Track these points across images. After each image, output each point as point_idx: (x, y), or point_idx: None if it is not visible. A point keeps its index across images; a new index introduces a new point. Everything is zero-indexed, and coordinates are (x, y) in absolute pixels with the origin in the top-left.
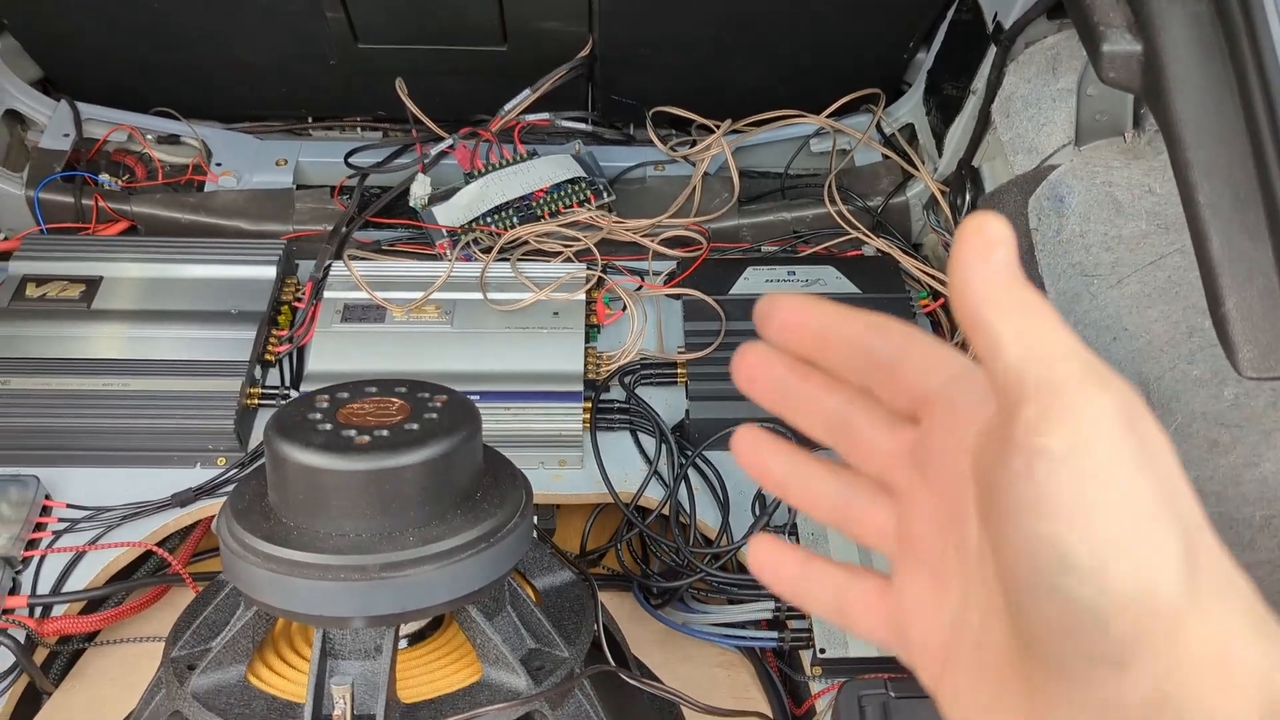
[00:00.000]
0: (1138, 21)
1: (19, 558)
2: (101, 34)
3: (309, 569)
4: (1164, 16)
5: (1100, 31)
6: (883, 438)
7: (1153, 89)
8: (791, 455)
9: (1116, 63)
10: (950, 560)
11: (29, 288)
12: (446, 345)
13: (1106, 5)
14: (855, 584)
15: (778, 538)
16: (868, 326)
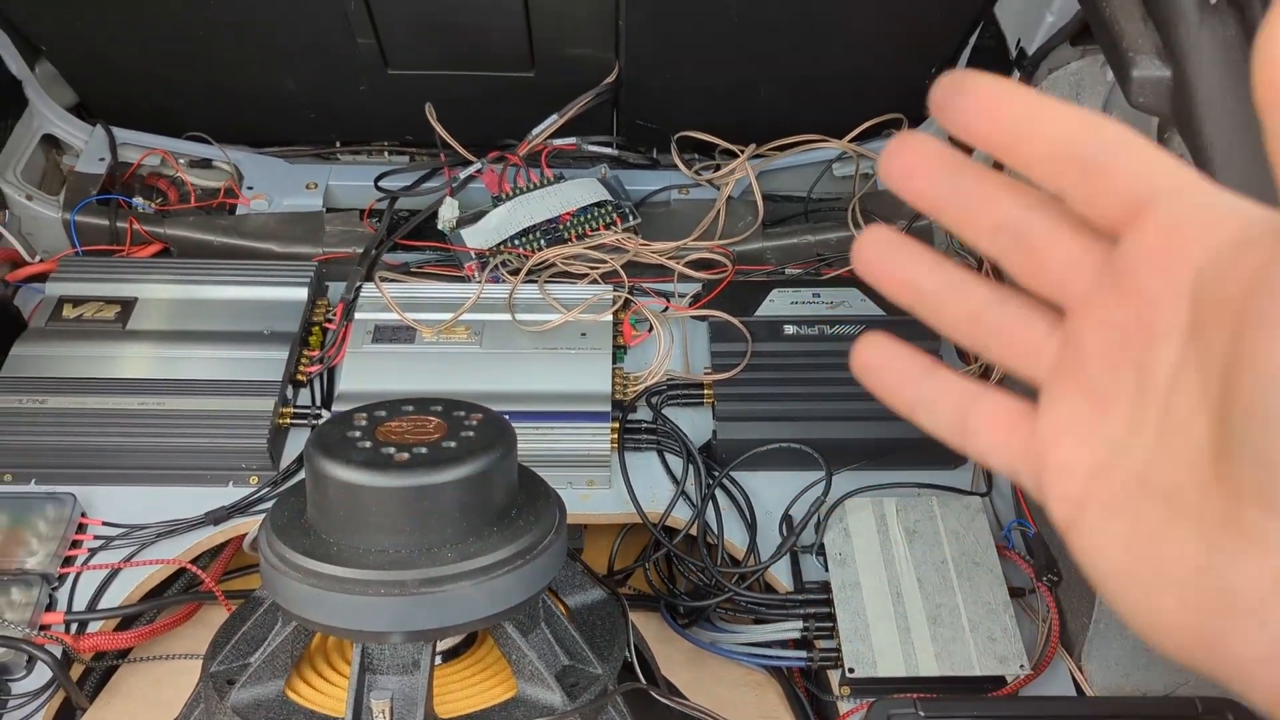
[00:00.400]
0: (1166, 47)
1: (55, 574)
2: (136, 60)
3: (349, 584)
4: (1193, 42)
5: (1130, 57)
6: (1067, 246)
7: (1183, 113)
8: (929, 256)
9: (1146, 88)
10: (1126, 383)
11: (65, 308)
12: (476, 366)
13: (1135, 31)
14: (986, 397)
15: (890, 336)
16: (1080, 122)
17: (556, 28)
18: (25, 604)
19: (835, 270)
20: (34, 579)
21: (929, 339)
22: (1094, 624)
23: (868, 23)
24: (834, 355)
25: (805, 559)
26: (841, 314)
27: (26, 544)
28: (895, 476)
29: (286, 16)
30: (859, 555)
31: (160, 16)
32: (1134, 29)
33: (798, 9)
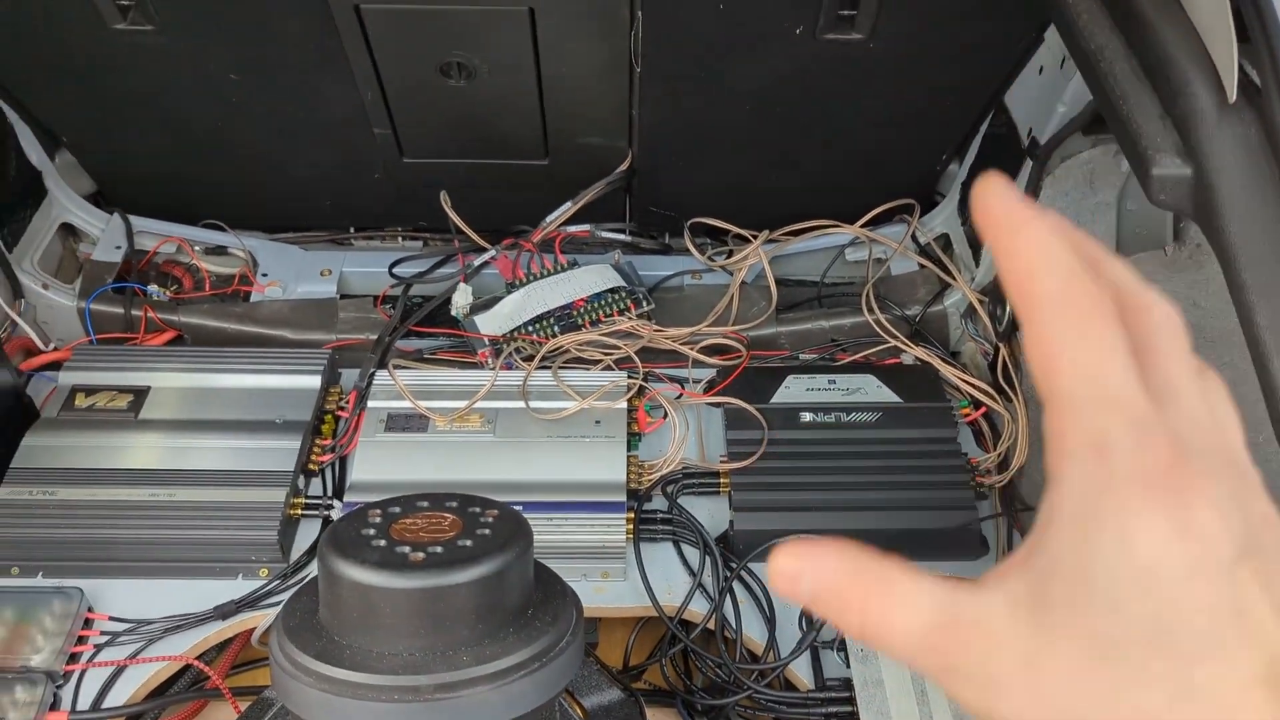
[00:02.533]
0: (1186, 145)
1: (60, 672)
2: (154, 150)
3: (362, 689)
4: (1213, 141)
5: (1149, 155)
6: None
7: (1204, 211)
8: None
9: (1167, 186)
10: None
11: (78, 398)
12: (489, 455)
13: (1154, 129)
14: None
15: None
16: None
17: (570, 117)
18: (29, 703)
19: (850, 356)
20: (38, 677)
21: (946, 425)
22: None
23: (879, 113)
24: (851, 443)
25: (826, 654)
26: (858, 401)
27: (32, 640)
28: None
29: (304, 107)
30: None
31: (178, 108)
32: (1152, 127)
33: (810, 100)
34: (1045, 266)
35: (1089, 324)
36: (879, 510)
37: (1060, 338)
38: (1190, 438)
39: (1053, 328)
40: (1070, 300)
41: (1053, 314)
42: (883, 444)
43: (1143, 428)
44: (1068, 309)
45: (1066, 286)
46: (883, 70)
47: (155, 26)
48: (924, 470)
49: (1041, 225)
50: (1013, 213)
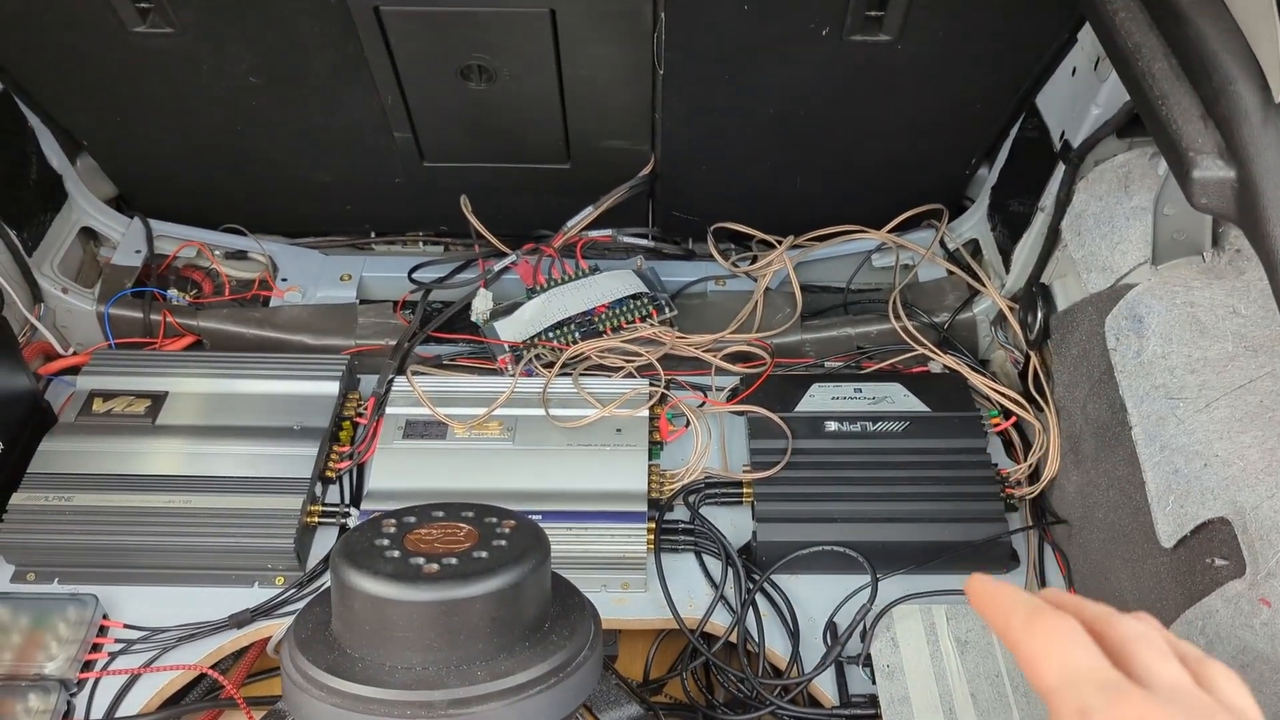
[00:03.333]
0: (1229, 147)
1: (74, 679)
2: (175, 155)
3: (374, 704)
4: (1258, 142)
5: (1190, 158)
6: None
7: (1249, 215)
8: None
9: (1209, 189)
10: None
11: (96, 403)
12: (508, 463)
13: (1195, 131)
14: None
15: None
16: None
17: (592, 121)
18: (42, 711)
19: (877, 364)
20: (52, 685)
21: (975, 435)
22: None
23: (906, 116)
24: (878, 453)
25: (851, 670)
26: (884, 410)
27: (46, 647)
28: (944, 582)
29: (324, 112)
30: (908, 667)
31: (199, 113)
32: (1193, 128)
33: (836, 104)
34: (1013, 606)
35: (1053, 632)
36: (906, 522)
37: (1035, 649)
38: (1169, 696)
39: (1027, 644)
40: (1035, 622)
41: (1026, 636)
42: (910, 454)
43: (1114, 687)
44: (1035, 629)
45: (1031, 614)
46: (911, 72)
47: (175, 30)
48: (952, 481)
49: (1010, 587)
50: (988, 587)
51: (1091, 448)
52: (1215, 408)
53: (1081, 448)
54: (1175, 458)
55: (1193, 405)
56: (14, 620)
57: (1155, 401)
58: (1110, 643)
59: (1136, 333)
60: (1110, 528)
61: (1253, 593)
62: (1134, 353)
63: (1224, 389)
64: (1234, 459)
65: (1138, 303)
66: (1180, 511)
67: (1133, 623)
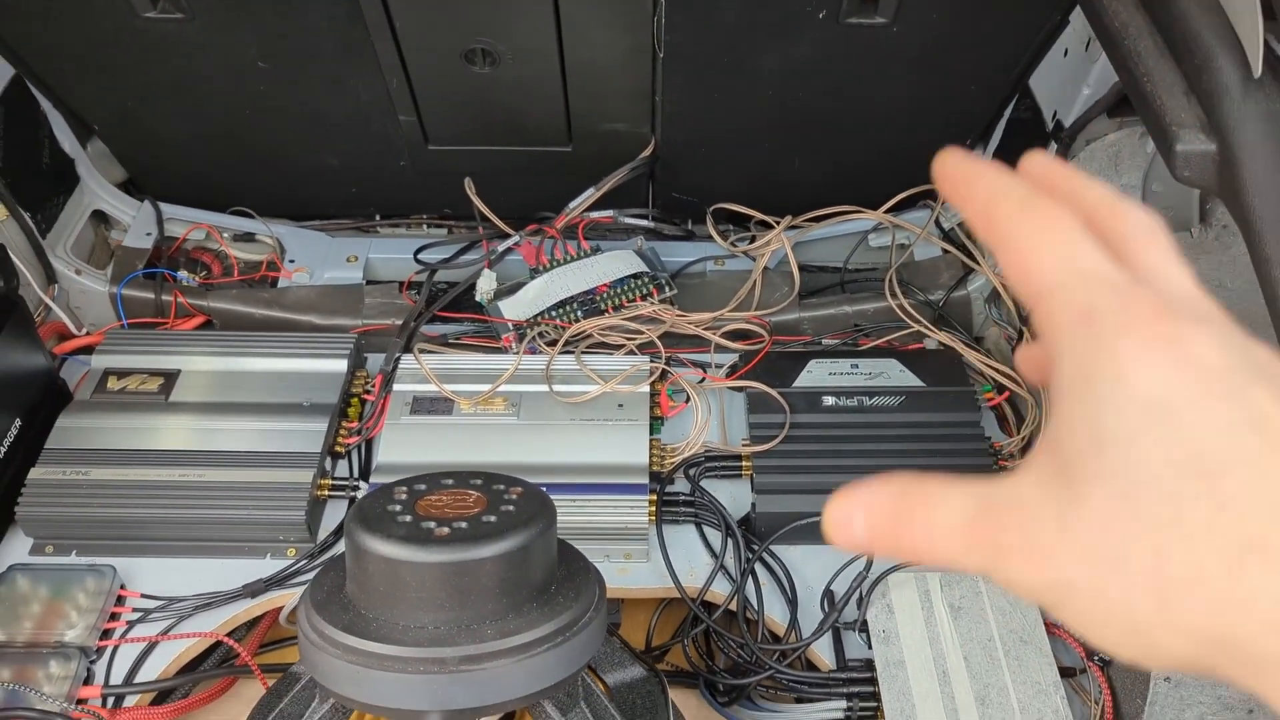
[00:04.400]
0: (1210, 121)
1: (94, 647)
2: (184, 139)
3: (388, 661)
4: (1237, 116)
5: (1173, 132)
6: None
7: (1229, 187)
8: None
9: (1191, 162)
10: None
11: (110, 380)
12: (513, 437)
13: (1178, 105)
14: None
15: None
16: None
17: (594, 103)
18: (63, 677)
19: (873, 341)
20: (72, 651)
21: (969, 409)
22: (1149, 705)
23: (903, 97)
24: (874, 427)
25: (848, 636)
26: (881, 385)
27: (66, 616)
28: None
29: (330, 95)
30: (903, 632)
31: (206, 96)
32: (1176, 103)
33: (834, 86)
34: (1002, 192)
35: (1051, 223)
36: None
37: (1028, 242)
38: (1180, 300)
39: (1020, 237)
40: (1030, 211)
41: (1017, 227)
42: (905, 427)
43: (1124, 291)
44: (1029, 218)
45: (1024, 202)
46: (906, 54)
47: (184, 15)
48: (947, 454)
49: (994, 168)
50: (966, 167)
51: None
52: None
53: None
54: None
55: None
56: (34, 590)
57: None
58: (1114, 236)
59: None
60: None
61: None
62: None
63: None
64: None
65: None
66: None
67: (1141, 214)
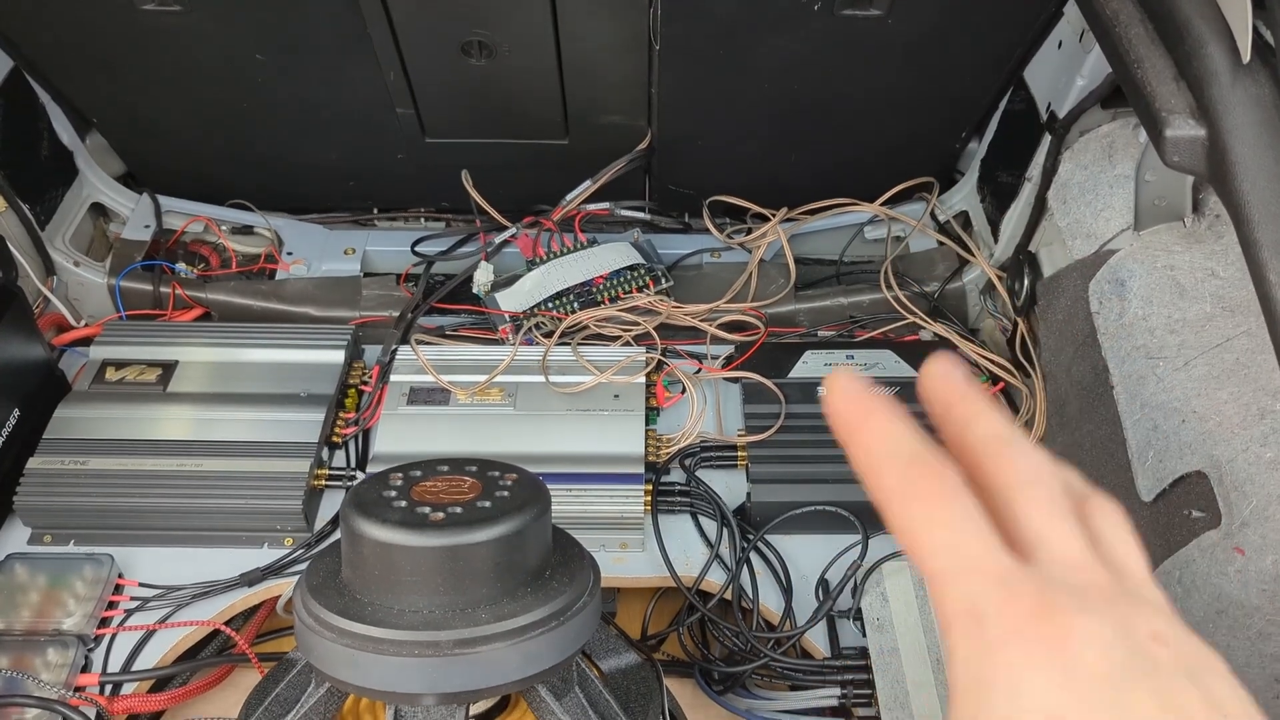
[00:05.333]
0: (1200, 106)
1: (92, 635)
2: (182, 131)
3: (383, 644)
4: (1226, 101)
5: (1163, 117)
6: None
7: (1218, 172)
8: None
9: (1180, 147)
10: None
11: (109, 371)
12: (510, 427)
13: (1167, 92)
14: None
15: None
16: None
17: (591, 96)
18: (61, 665)
19: (868, 332)
20: (70, 640)
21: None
22: None
23: (898, 90)
24: None
25: (842, 624)
26: (876, 376)
27: (64, 605)
28: None
29: (329, 89)
30: (897, 620)
31: (205, 89)
32: (1166, 90)
33: (829, 79)
34: (888, 457)
35: (937, 505)
36: None
37: (916, 523)
38: (1063, 579)
39: (907, 515)
40: (916, 487)
41: (904, 503)
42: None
43: (1007, 584)
44: (915, 495)
45: (908, 473)
46: (901, 47)
47: (183, 7)
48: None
49: (881, 416)
50: (855, 407)
51: (1076, 409)
52: (1193, 366)
53: (1067, 409)
54: (1155, 415)
55: (1172, 364)
56: (32, 579)
57: (1136, 361)
58: (995, 487)
59: (1119, 295)
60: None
61: (1227, 542)
62: (1116, 315)
63: (1202, 348)
64: (1211, 414)
65: (1120, 267)
66: (1159, 466)
67: (1023, 459)
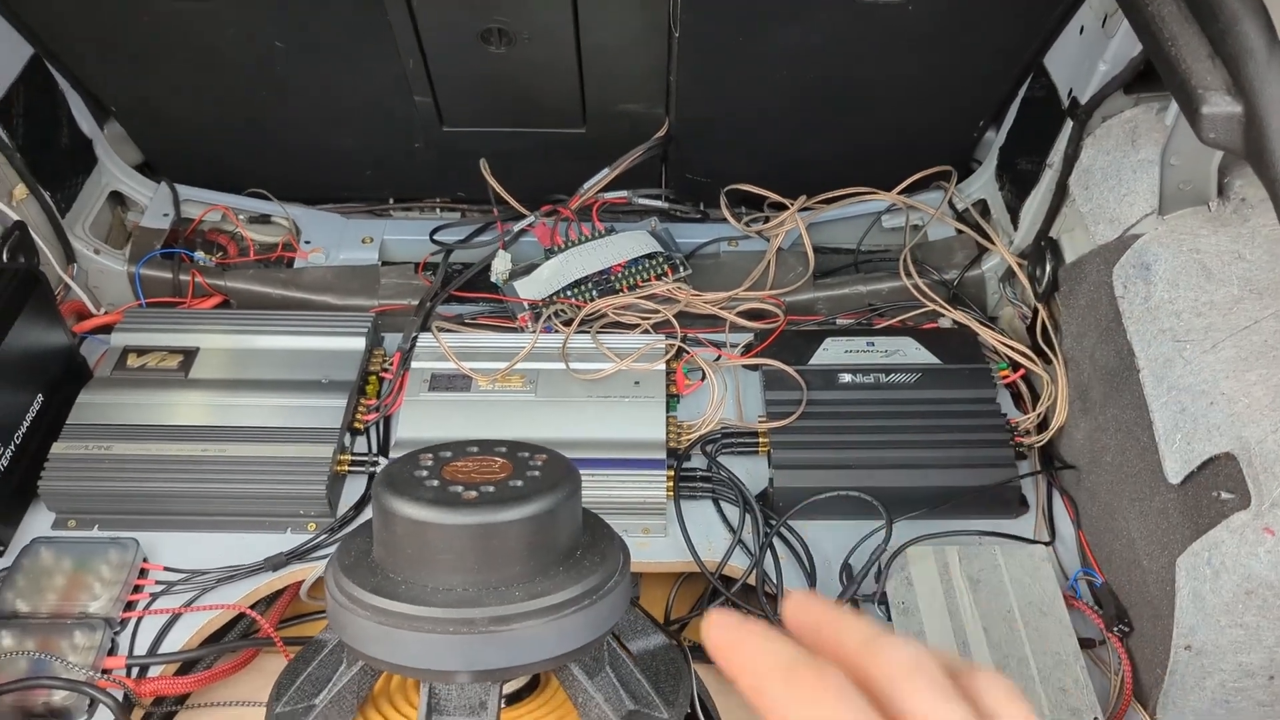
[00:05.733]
0: (1236, 83)
1: (118, 618)
2: (200, 120)
3: (417, 621)
4: (1263, 78)
5: (1199, 94)
6: None
7: (1255, 147)
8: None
9: (1217, 124)
10: None
11: (130, 358)
12: (531, 413)
13: (1203, 69)
14: None
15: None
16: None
17: (609, 84)
18: (88, 647)
19: (887, 320)
20: (97, 623)
21: (985, 386)
22: (1169, 674)
23: (917, 78)
24: (890, 404)
25: (866, 608)
26: (897, 362)
27: (90, 588)
28: (955, 525)
29: (346, 77)
30: (922, 604)
31: (224, 79)
32: (1201, 66)
33: (848, 67)
34: (770, 669)
35: (824, 702)
36: (919, 469)
37: (799, 717)
38: None
39: (790, 712)
40: (801, 690)
41: (791, 707)
42: (922, 404)
43: None
44: (802, 698)
45: (791, 678)
46: (920, 34)
47: None
48: (964, 430)
49: (757, 634)
50: (730, 633)
51: (1100, 394)
52: (1221, 348)
53: (1090, 395)
54: (1182, 397)
55: (1199, 346)
56: (58, 563)
57: (1162, 344)
58: (877, 681)
59: (1144, 279)
60: (1118, 469)
61: (1257, 523)
62: (1141, 298)
63: (1230, 330)
64: (1239, 396)
65: (1145, 250)
66: (1187, 449)
67: (899, 652)
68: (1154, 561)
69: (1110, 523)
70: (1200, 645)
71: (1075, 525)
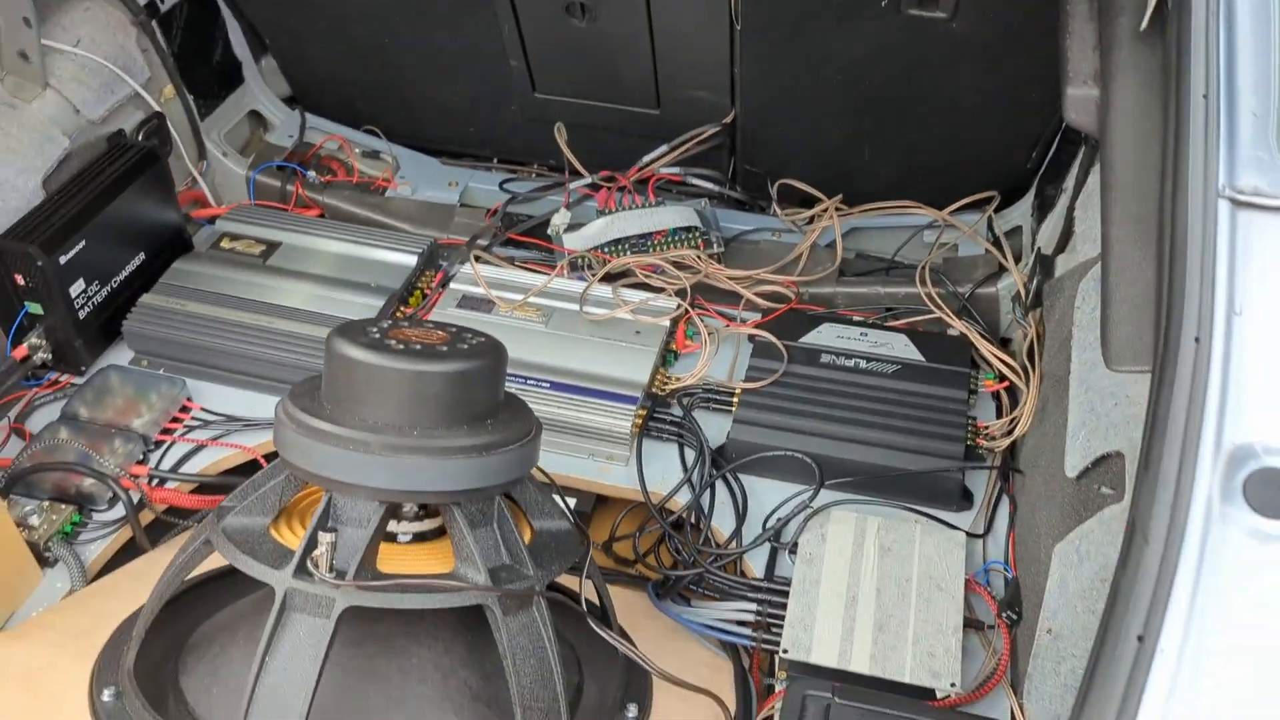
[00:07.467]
0: (1101, 70)
1: (153, 438)
2: (335, 60)
3: (325, 436)
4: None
5: (1069, 77)
6: None
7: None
8: None
9: (1077, 105)
10: None
11: (225, 241)
12: (537, 341)
13: (1080, 56)
14: None
15: None
16: None
17: (680, 69)
18: (123, 453)
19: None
20: (134, 437)
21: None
22: (1033, 658)
23: (965, 98)
24: (861, 387)
25: (783, 557)
26: (881, 354)
27: (138, 410)
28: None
29: (451, 35)
30: (828, 558)
31: (356, 26)
32: (1081, 55)
33: (898, 78)
34: None
35: None
36: (866, 445)
37: None
38: None
39: None
40: None
41: None
42: (891, 393)
43: None
44: None
45: None
46: (966, 51)
47: None
48: (921, 421)
49: None
50: None
51: (1052, 404)
52: None
53: (1046, 406)
54: (1094, 398)
55: None
56: (121, 386)
57: (1093, 350)
58: None
59: (1097, 292)
60: (1045, 470)
61: (1124, 516)
62: (1091, 309)
63: None
64: (1141, 399)
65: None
66: (1086, 445)
67: None
68: (1045, 552)
69: (1031, 520)
70: (1059, 629)
71: (1009, 524)
